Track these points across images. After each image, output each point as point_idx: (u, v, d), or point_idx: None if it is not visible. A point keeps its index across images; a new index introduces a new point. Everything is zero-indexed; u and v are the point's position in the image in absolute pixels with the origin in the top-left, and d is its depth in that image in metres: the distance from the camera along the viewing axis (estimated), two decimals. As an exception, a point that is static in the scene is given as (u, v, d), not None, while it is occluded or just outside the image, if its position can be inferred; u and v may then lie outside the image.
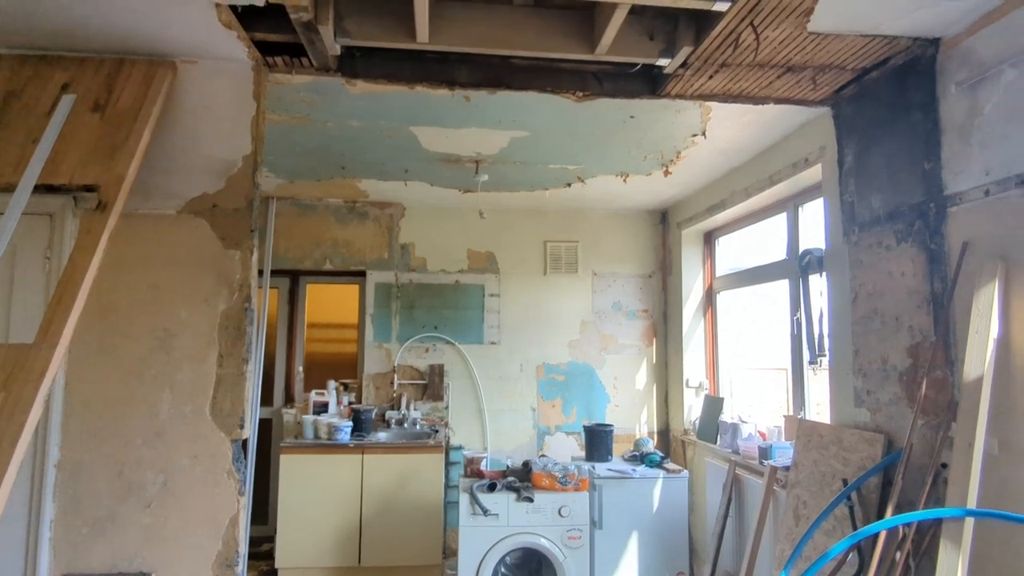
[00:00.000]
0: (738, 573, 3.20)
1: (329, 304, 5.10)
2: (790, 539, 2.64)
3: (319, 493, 3.72)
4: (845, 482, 2.36)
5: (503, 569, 2.91)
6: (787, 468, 2.87)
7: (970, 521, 1.78)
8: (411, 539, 3.76)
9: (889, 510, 2.11)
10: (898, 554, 2.04)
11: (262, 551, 4.12)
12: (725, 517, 3.29)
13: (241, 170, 2.33)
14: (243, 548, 2.22)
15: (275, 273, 4.36)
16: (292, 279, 4.71)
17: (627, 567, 3.27)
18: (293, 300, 4.72)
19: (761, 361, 4.17)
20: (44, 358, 1.58)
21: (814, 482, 2.60)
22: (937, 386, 2.12)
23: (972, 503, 1.77)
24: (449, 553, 4.35)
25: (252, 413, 2.87)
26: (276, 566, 3.73)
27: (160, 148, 2.28)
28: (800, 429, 2.80)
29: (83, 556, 2.11)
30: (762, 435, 3.42)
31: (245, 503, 2.23)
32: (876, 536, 2.14)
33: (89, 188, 1.96)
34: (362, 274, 4.60)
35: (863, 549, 2.24)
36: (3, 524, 2.06)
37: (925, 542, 2.07)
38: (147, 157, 2.15)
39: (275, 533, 3.76)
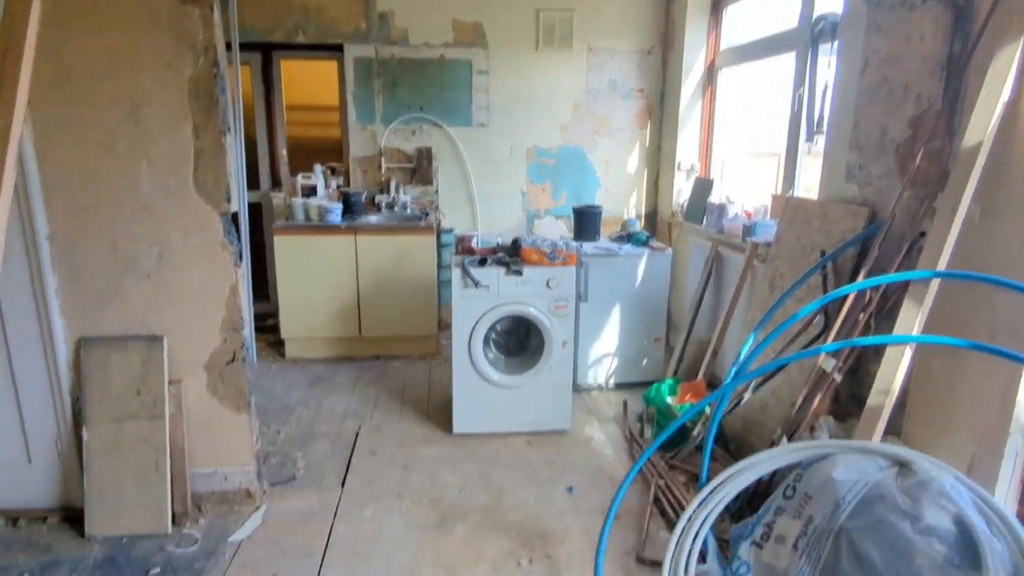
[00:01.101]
0: (710, 339, 3.48)
1: (307, 86, 4.78)
2: (763, 307, 2.81)
3: (315, 273, 3.85)
4: (823, 253, 2.45)
5: (494, 335, 3.13)
6: (768, 244, 2.96)
7: (935, 283, 1.88)
8: (408, 313, 4.00)
9: (861, 276, 2.21)
10: (861, 315, 2.19)
11: (267, 326, 4.39)
12: (703, 291, 3.48)
13: (182, -97, 1.99)
14: (247, 315, 2.34)
15: (245, 47, 4.00)
16: (264, 55, 4.35)
17: (609, 333, 3.54)
18: (268, 79, 4.41)
19: (754, 146, 4.07)
20: (3, 117, 1.49)
21: (793, 255, 2.69)
22: (932, 156, 2.09)
23: (943, 267, 1.85)
24: (444, 326, 4.68)
25: (238, 188, 2.83)
26: (282, 336, 4.01)
27: None
28: (787, 206, 2.83)
29: (94, 322, 2.22)
30: (748, 214, 3.47)
31: (242, 274, 2.29)
32: (843, 300, 2.28)
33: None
34: (339, 48, 4.24)
35: (830, 314, 2.40)
36: (12, 296, 2.14)
37: (889, 304, 2.21)
38: None
39: (277, 309, 3.98)
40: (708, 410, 2.82)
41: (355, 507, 2.42)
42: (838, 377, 2.22)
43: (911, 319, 1.85)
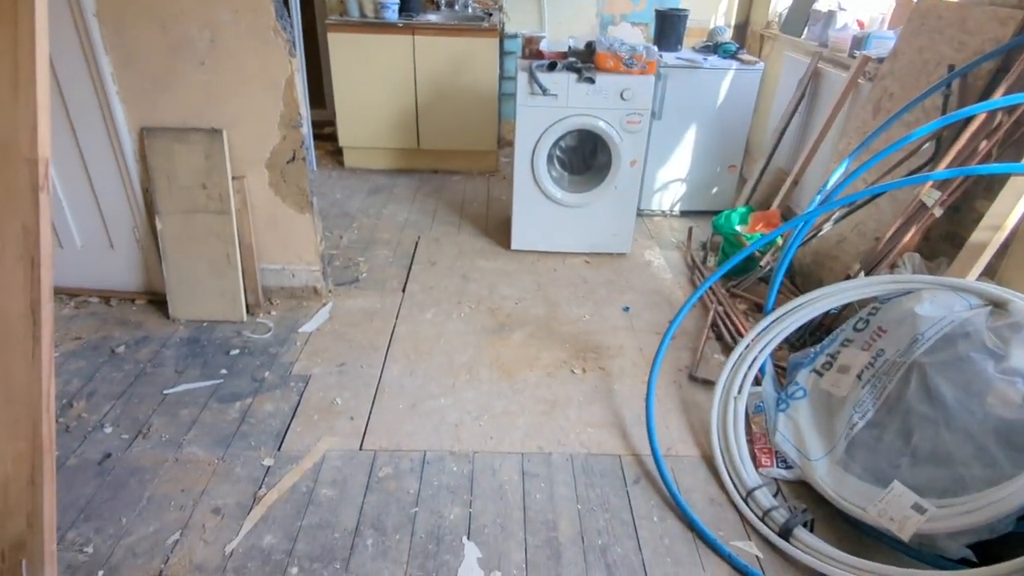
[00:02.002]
0: (790, 169, 3.22)
1: None
2: (861, 133, 2.53)
3: (372, 76, 3.65)
4: (951, 68, 2.10)
5: (558, 152, 2.97)
6: (881, 59, 2.57)
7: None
8: (467, 126, 3.82)
9: (997, 96, 1.90)
10: (984, 143, 1.92)
11: (324, 134, 4.31)
12: (792, 114, 3.14)
13: None
14: (304, 111, 2.24)
15: None
16: None
17: (680, 156, 3.31)
18: None
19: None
20: None
21: (911, 72, 2.34)
22: None
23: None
24: (504, 143, 4.49)
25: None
26: (340, 144, 3.93)
27: None
28: (915, 11, 2.40)
29: (153, 111, 2.17)
30: (860, 24, 3.00)
31: (298, 65, 2.15)
32: (963, 126, 2.00)
33: None
34: None
35: (942, 140, 2.12)
36: (72, 83, 2.09)
37: (1020, 132, 1.92)
38: None
39: (334, 117, 3.85)
40: (780, 241, 2.68)
41: (416, 310, 2.50)
42: (938, 212, 2.02)
43: (1050, 146, 1.60)
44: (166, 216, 2.27)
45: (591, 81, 2.56)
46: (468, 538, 1.55)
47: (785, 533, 1.56)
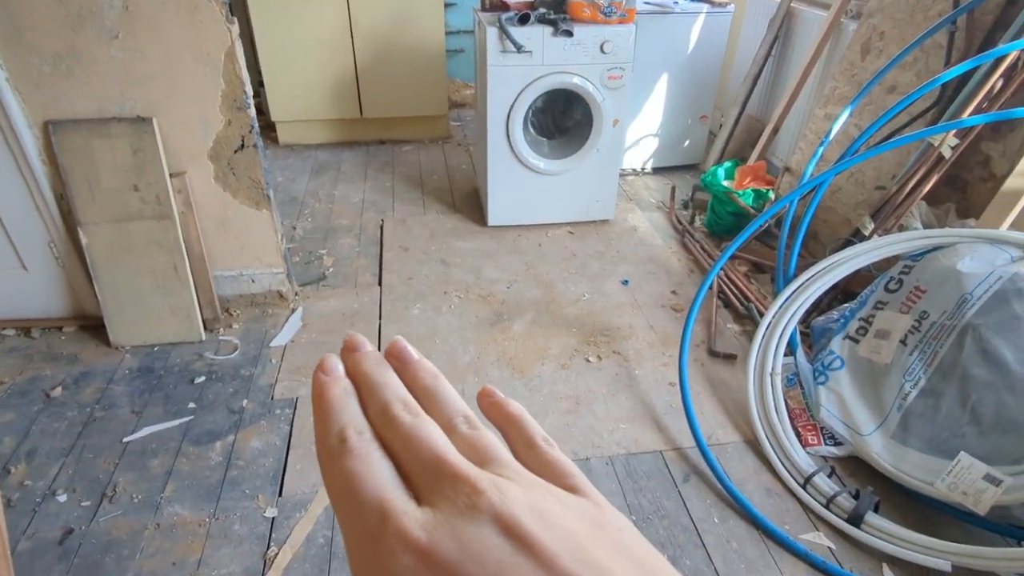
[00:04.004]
0: (765, 118, 3.11)
1: None
2: (849, 76, 2.42)
3: (302, 39, 3.22)
4: (956, 3, 1.99)
5: (530, 114, 2.72)
6: (864, -4, 2.45)
7: None
8: (414, 89, 3.48)
9: (1007, 33, 1.81)
10: (1000, 81, 1.83)
11: (251, 106, 3.84)
12: (765, 59, 3.00)
13: None
14: (248, 88, 1.89)
15: None
16: None
17: (651, 110, 3.13)
18: None
19: None
20: None
21: (904, 7, 2.22)
22: None
23: None
24: (454, 105, 4.16)
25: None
26: (272, 119, 3.50)
27: None
28: (902, -58, 2.27)
29: (58, 100, 1.76)
30: (831, -41, 2.85)
31: (237, 32, 1.79)
32: (971, 72, 1.90)
33: None
34: None
35: (946, 86, 2.03)
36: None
37: (1031, 69, 1.84)
38: None
39: (262, 86, 3.41)
40: (772, 196, 2.58)
41: (399, 306, 2.24)
42: (948, 154, 1.94)
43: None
44: (91, 227, 1.88)
45: (569, 34, 2.31)
46: (523, 573, 1.38)
47: (856, 520, 1.47)
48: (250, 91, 1.88)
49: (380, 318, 2.18)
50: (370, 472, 0.21)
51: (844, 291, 2.11)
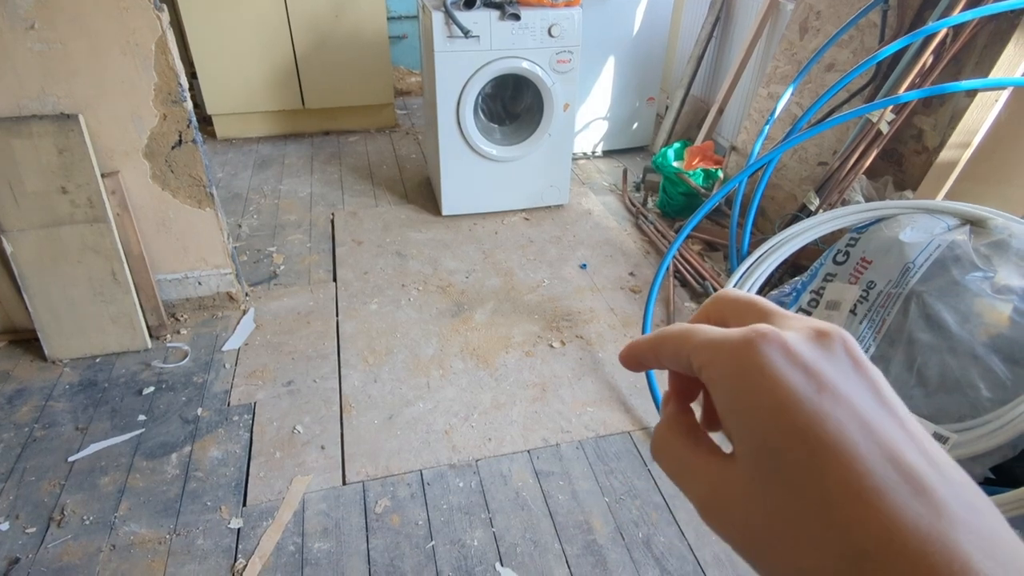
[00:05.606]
0: (710, 99, 3.16)
1: None
2: (789, 56, 2.48)
3: (237, 27, 3.07)
4: (888, -18, 2.06)
5: (480, 102, 2.68)
6: (800, -24, 2.51)
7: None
8: (357, 77, 3.38)
9: (938, 8, 1.88)
10: (931, 58, 1.92)
11: (184, 99, 3.65)
12: (708, 39, 3.05)
13: None
14: (183, 80, 1.78)
15: None
16: None
17: (599, 93, 3.14)
18: None
19: None
20: None
21: (839, -12, 2.29)
22: None
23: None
24: (399, 93, 4.07)
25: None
26: (208, 112, 3.34)
27: None
28: (835, -77, 2.33)
29: (-29, 96, 1.62)
30: (766, -60, 2.91)
31: (168, 21, 1.68)
32: (905, 48, 1.98)
33: None
34: None
35: (881, 64, 2.11)
36: None
37: (956, 47, 1.93)
38: None
39: (195, 78, 3.24)
40: (721, 176, 2.63)
41: (357, 302, 2.19)
42: (885, 130, 2.02)
43: (1017, 60, 1.60)
44: (15, 234, 1.75)
45: (516, 17, 2.28)
46: (501, 564, 1.37)
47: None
48: (185, 83, 1.78)
49: (337, 315, 2.12)
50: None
51: (794, 265, 2.18)
